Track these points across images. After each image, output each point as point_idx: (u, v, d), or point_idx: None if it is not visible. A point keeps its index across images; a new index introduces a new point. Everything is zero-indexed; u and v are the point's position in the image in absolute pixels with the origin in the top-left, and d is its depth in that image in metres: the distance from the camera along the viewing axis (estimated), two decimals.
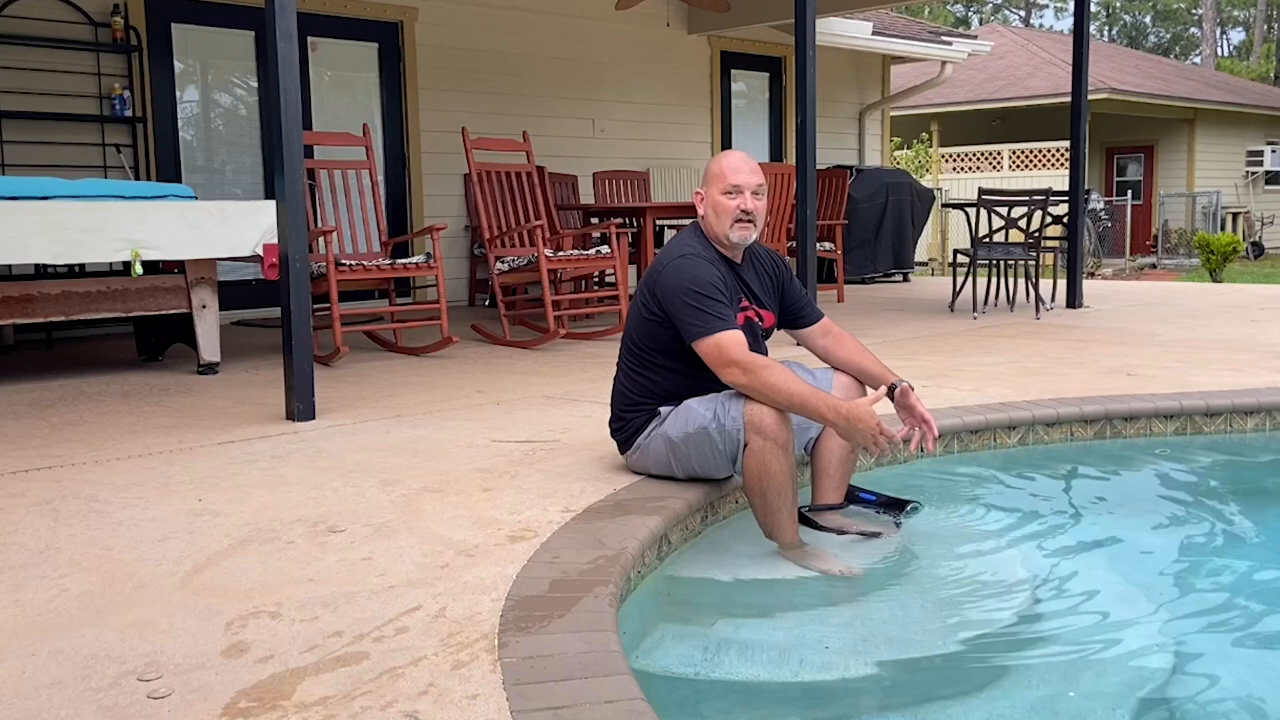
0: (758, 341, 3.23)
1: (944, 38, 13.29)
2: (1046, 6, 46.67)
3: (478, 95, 9.02)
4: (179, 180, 7.63)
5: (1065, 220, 8.62)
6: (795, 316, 3.38)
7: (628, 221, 7.72)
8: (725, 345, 2.97)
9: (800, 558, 2.98)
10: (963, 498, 3.82)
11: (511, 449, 3.75)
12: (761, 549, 3.05)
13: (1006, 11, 46.27)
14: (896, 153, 19.14)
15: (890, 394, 3.16)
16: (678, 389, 3.18)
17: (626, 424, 3.27)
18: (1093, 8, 15.44)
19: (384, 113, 8.72)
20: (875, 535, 3.22)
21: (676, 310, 3.05)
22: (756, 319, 3.24)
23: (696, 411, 3.10)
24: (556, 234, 7.26)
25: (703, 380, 3.13)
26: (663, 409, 3.19)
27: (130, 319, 5.79)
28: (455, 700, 1.90)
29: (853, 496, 3.34)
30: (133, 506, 3.10)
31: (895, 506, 3.31)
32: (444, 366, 5.71)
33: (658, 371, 3.19)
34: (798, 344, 3.49)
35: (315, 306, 5.50)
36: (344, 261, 5.88)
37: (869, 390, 3.20)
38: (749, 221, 3.14)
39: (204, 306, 5.41)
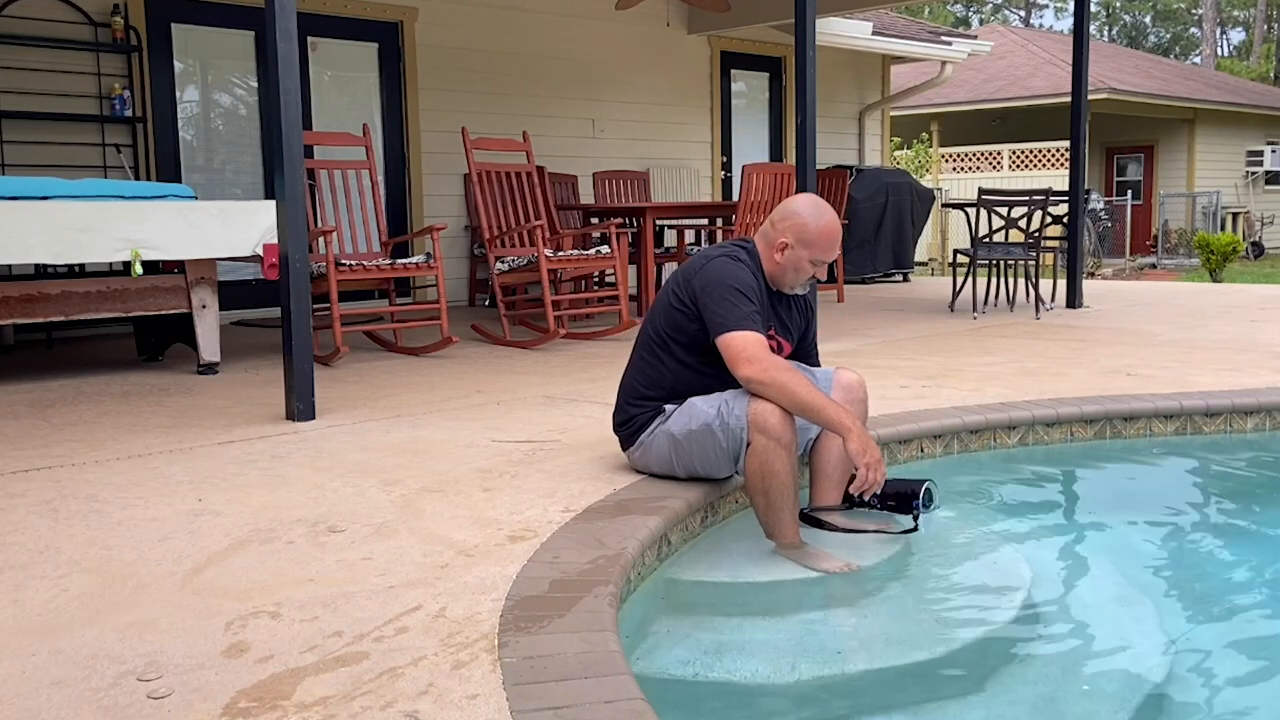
0: None
1: (944, 38, 13.29)
2: (1046, 6, 46.68)
3: (478, 95, 9.02)
4: (179, 180, 7.63)
5: (1065, 220, 8.62)
6: (802, 356, 3.41)
7: (628, 221, 7.72)
8: (749, 341, 2.99)
9: (800, 557, 2.98)
10: (963, 498, 3.81)
11: (511, 449, 3.75)
12: (761, 549, 3.05)
13: (1006, 11, 46.27)
14: (896, 153, 19.14)
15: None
16: (687, 385, 3.18)
17: (631, 419, 3.27)
18: (1093, 8, 15.44)
19: (384, 113, 8.72)
20: (879, 533, 3.23)
21: (710, 301, 3.05)
22: (776, 349, 3.24)
23: (700, 409, 3.11)
24: (556, 234, 7.26)
25: (713, 379, 3.13)
26: (668, 406, 3.20)
27: (130, 319, 5.79)
28: (455, 700, 1.90)
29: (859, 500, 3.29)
30: (133, 506, 3.10)
31: (902, 503, 3.22)
32: (444, 366, 5.71)
33: (672, 363, 3.19)
34: None
35: (315, 306, 5.50)
36: (344, 261, 5.88)
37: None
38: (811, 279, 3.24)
39: (204, 306, 5.41)
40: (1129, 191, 21.20)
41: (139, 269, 5.02)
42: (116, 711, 1.87)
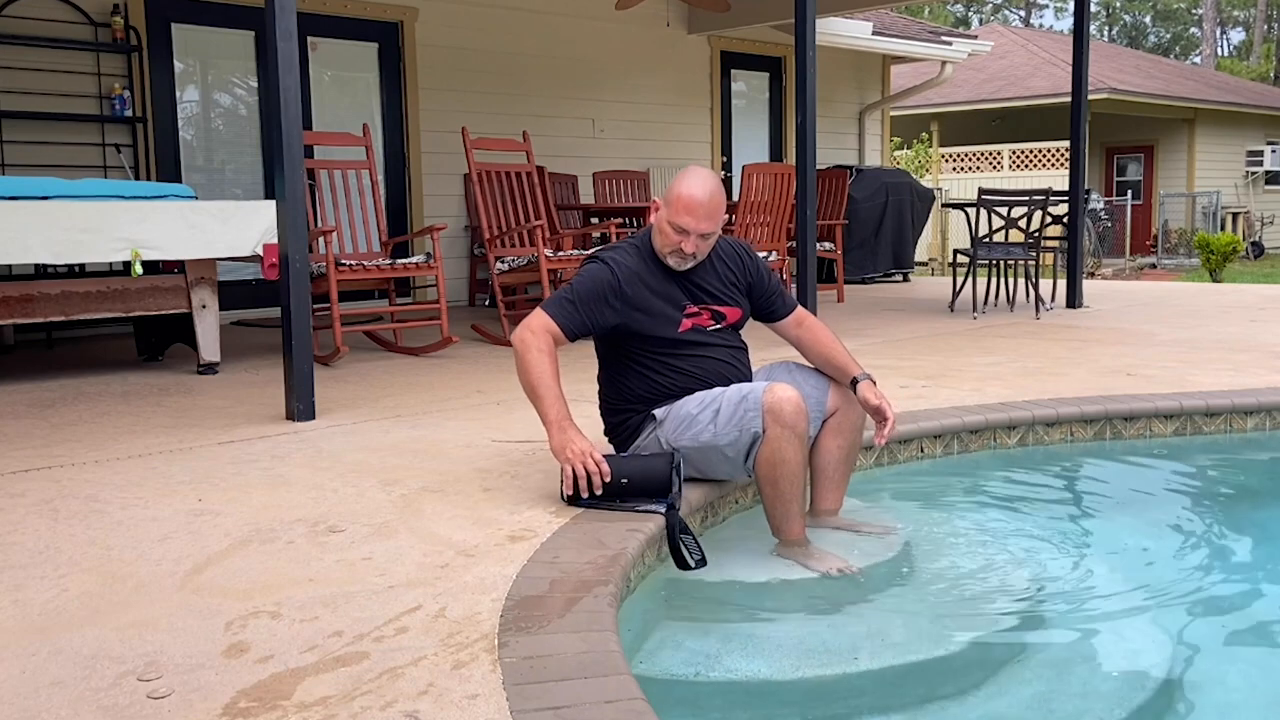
0: (708, 342, 3.19)
1: (944, 38, 13.29)
2: (1046, 6, 46.69)
3: (478, 95, 9.02)
4: (179, 180, 7.63)
5: (1065, 220, 8.62)
6: (767, 311, 3.36)
7: (628, 221, 7.73)
8: (537, 316, 3.03)
9: (802, 556, 2.98)
10: (963, 498, 3.82)
11: (511, 449, 3.75)
12: (762, 549, 3.05)
13: (1006, 11, 46.27)
14: (896, 153, 19.13)
15: (853, 387, 3.19)
16: (646, 388, 3.16)
17: (621, 425, 3.24)
18: (1093, 8, 15.43)
19: (384, 113, 8.71)
20: (886, 532, 3.26)
21: None
22: (711, 322, 3.21)
23: (701, 424, 3.04)
24: (556, 234, 7.27)
25: (668, 373, 3.13)
26: (656, 411, 3.15)
27: (130, 319, 5.79)
28: (455, 700, 1.90)
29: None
30: (133, 506, 3.10)
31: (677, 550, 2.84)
32: (444, 366, 5.71)
33: (620, 368, 3.19)
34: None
35: (315, 306, 5.50)
36: (344, 261, 5.88)
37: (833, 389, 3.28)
38: (687, 258, 3.12)
39: (204, 306, 5.41)
40: (1129, 191, 21.20)
41: (139, 269, 5.02)
42: (116, 711, 1.87)
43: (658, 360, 3.14)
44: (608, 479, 2.91)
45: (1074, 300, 8.38)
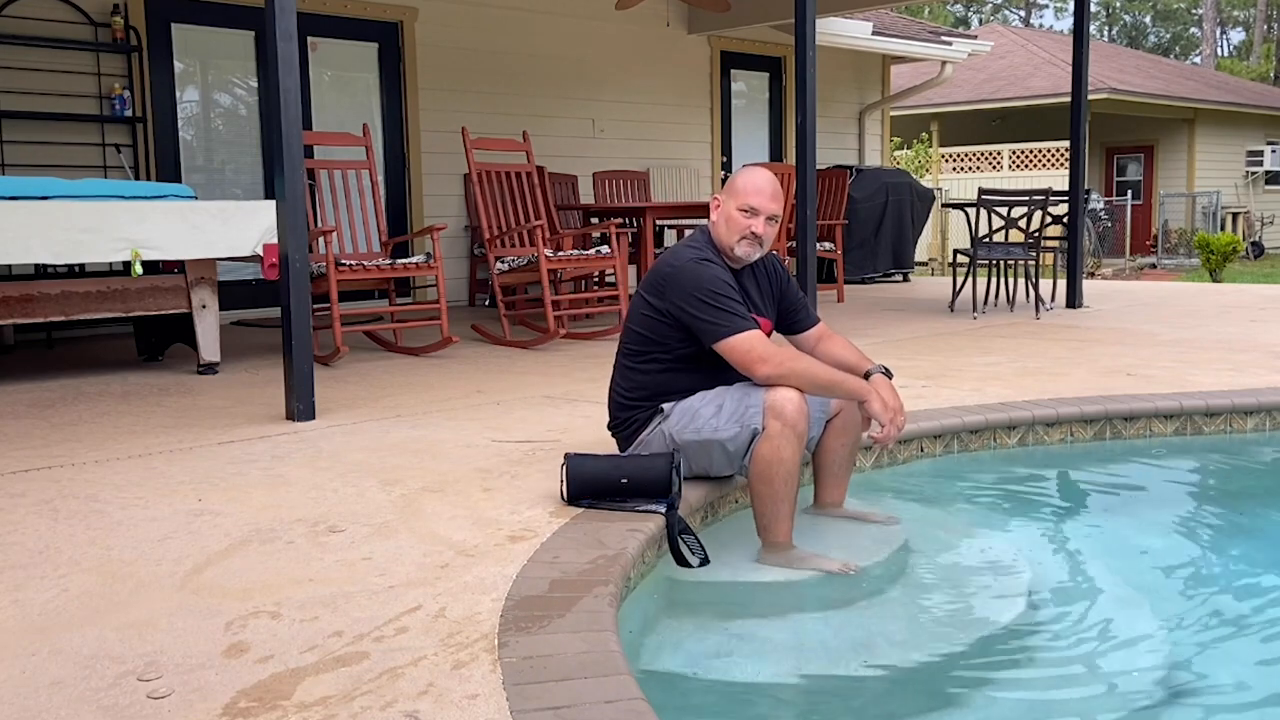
0: None
1: (944, 38, 13.29)
2: (1046, 6, 46.69)
3: (478, 95, 9.02)
4: (179, 180, 7.63)
5: (1065, 220, 8.62)
6: (791, 321, 3.39)
7: (628, 221, 7.73)
8: (752, 342, 3.01)
9: (794, 561, 2.97)
10: (963, 498, 3.82)
11: (511, 449, 3.75)
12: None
13: (1006, 11, 46.27)
14: (896, 153, 19.13)
15: (865, 379, 3.20)
16: (671, 386, 3.17)
17: (628, 421, 3.25)
18: (1093, 8, 15.43)
19: (384, 113, 8.71)
20: (889, 522, 3.30)
21: (694, 311, 3.05)
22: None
23: (703, 415, 3.07)
24: (556, 234, 7.26)
25: (697, 378, 3.13)
26: (665, 405, 3.17)
27: (130, 319, 5.79)
28: (455, 700, 1.90)
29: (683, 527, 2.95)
30: (133, 506, 3.10)
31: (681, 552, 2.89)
32: (444, 366, 5.71)
33: (654, 368, 3.18)
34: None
35: (315, 306, 5.50)
36: (344, 261, 5.88)
37: None
38: (756, 242, 3.17)
39: (204, 306, 5.41)
40: (1129, 191, 21.20)
41: (139, 269, 5.02)
42: (116, 711, 1.87)
43: (698, 359, 3.13)
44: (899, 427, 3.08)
45: (1074, 300, 8.38)
